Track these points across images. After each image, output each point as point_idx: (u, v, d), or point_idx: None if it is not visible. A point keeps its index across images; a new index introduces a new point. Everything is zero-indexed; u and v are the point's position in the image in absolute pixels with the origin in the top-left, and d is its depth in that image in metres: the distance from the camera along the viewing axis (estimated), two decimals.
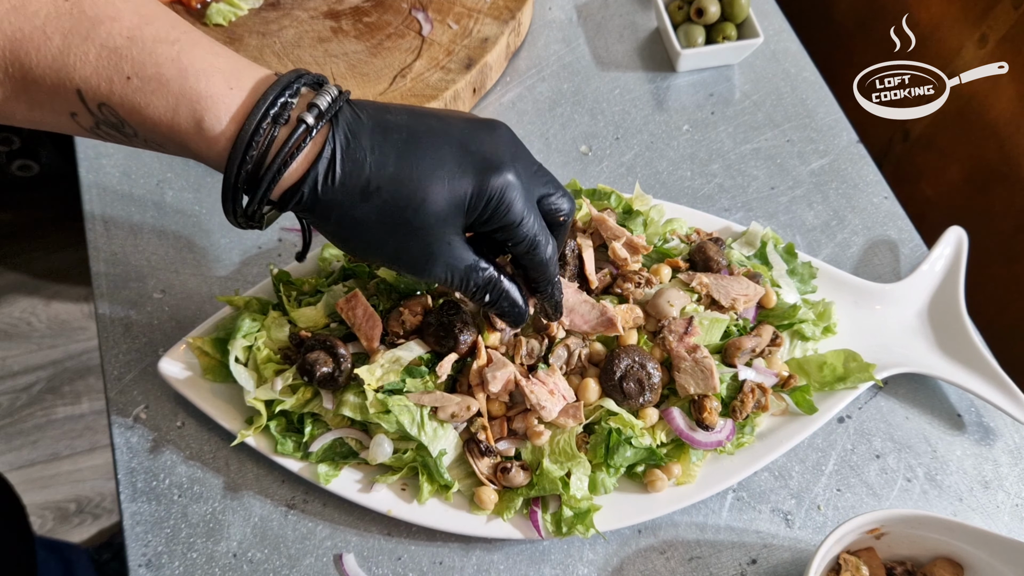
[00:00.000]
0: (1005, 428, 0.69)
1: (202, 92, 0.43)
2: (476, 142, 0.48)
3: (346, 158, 0.45)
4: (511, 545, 0.63)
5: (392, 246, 0.48)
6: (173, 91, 0.43)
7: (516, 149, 0.50)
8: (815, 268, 0.73)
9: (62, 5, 0.41)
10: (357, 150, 0.46)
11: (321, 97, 0.45)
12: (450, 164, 0.47)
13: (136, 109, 0.43)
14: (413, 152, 0.47)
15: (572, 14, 0.94)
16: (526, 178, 0.50)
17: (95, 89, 0.42)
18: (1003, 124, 0.86)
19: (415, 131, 0.47)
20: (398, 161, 0.46)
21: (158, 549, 0.61)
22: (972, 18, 0.87)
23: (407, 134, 0.47)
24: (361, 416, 0.61)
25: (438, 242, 0.49)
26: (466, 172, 0.47)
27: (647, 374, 0.62)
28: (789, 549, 0.63)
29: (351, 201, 0.46)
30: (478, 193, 0.47)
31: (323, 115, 0.45)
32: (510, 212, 0.49)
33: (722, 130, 0.86)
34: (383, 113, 0.48)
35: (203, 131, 0.43)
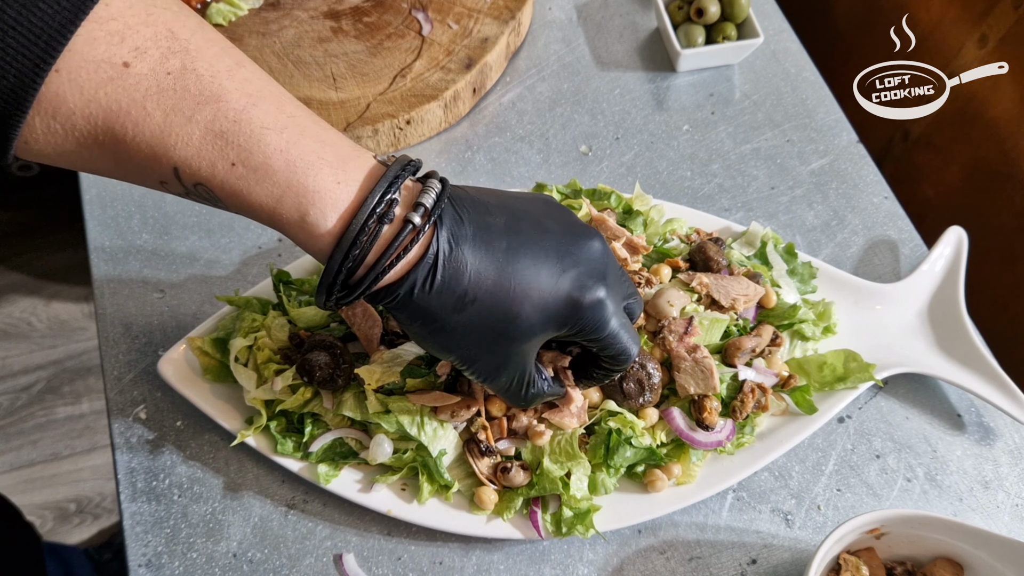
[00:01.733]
0: (1005, 428, 0.69)
1: (309, 187, 0.41)
2: (572, 256, 0.48)
3: (447, 266, 0.44)
4: (511, 545, 0.63)
5: (472, 353, 0.48)
6: (279, 183, 0.41)
7: (608, 261, 0.50)
8: (815, 268, 0.73)
9: (165, 80, 0.38)
10: (459, 258, 0.44)
11: (426, 195, 0.44)
12: (547, 280, 0.47)
13: (236, 194, 0.42)
14: (512, 264, 0.46)
15: (572, 14, 0.94)
16: (616, 290, 0.50)
17: (195, 171, 0.40)
18: (1003, 124, 0.86)
19: (514, 241, 0.47)
20: (497, 274, 0.46)
21: (158, 549, 0.61)
22: (972, 18, 0.87)
23: (507, 244, 0.46)
24: (361, 416, 0.61)
25: (517, 355, 0.49)
26: (562, 289, 0.47)
27: (647, 374, 0.62)
28: (789, 549, 0.63)
29: (445, 309, 0.45)
30: (572, 312, 0.47)
31: (429, 215, 0.44)
32: (601, 328, 0.49)
33: (722, 130, 0.86)
34: (484, 215, 0.46)
35: (307, 225, 0.42)
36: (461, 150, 0.83)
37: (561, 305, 0.47)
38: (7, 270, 1.70)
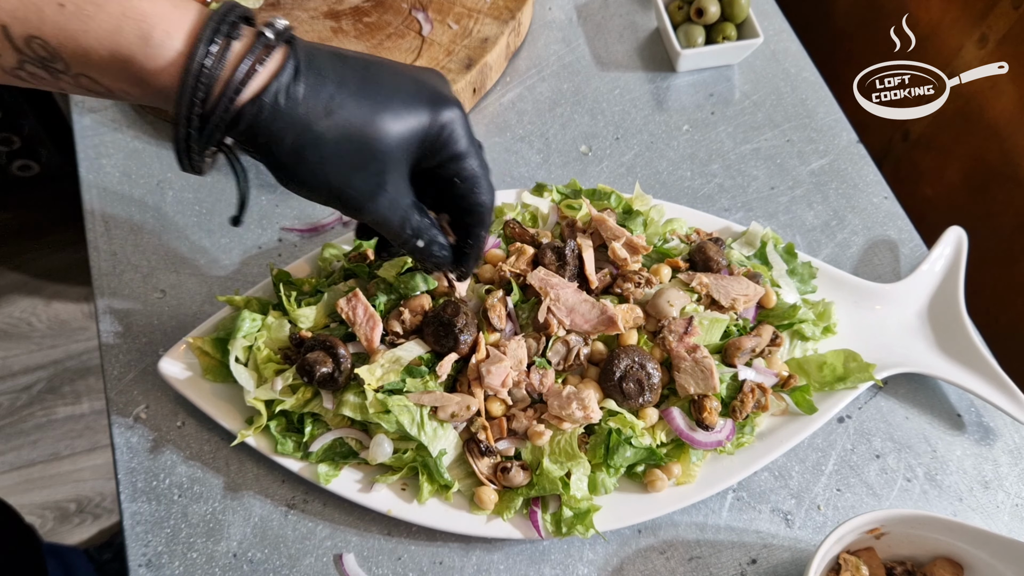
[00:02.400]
0: (1005, 428, 0.69)
1: (147, 11, 0.40)
2: (425, 79, 0.50)
3: (310, 71, 0.44)
4: (511, 545, 0.63)
5: (343, 174, 0.47)
6: (113, 12, 0.40)
7: (455, 95, 0.51)
8: (815, 268, 0.73)
9: None
10: (320, 65, 0.45)
11: (275, 21, 0.44)
12: (406, 93, 0.48)
13: (72, 36, 0.40)
14: (374, 77, 0.47)
15: (572, 14, 0.94)
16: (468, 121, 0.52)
17: (23, 21, 0.39)
18: (1003, 124, 0.86)
19: (370, 60, 0.48)
20: (360, 82, 0.46)
21: (158, 549, 0.61)
22: (972, 18, 0.87)
23: (364, 62, 0.48)
24: (361, 416, 0.61)
25: (390, 173, 0.48)
26: (421, 102, 0.48)
27: (647, 374, 0.62)
28: (789, 549, 0.63)
29: (314, 115, 0.44)
30: (431, 122, 0.48)
31: (281, 34, 0.44)
32: (459, 143, 0.49)
33: (722, 130, 0.86)
34: (334, 47, 0.48)
35: (151, 48, 0.41)
36: None
37: (424, 115, 0.48)
38: (7, 270, 1.70)
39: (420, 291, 0.65)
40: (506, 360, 0.61)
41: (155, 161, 0.81)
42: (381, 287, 0.66)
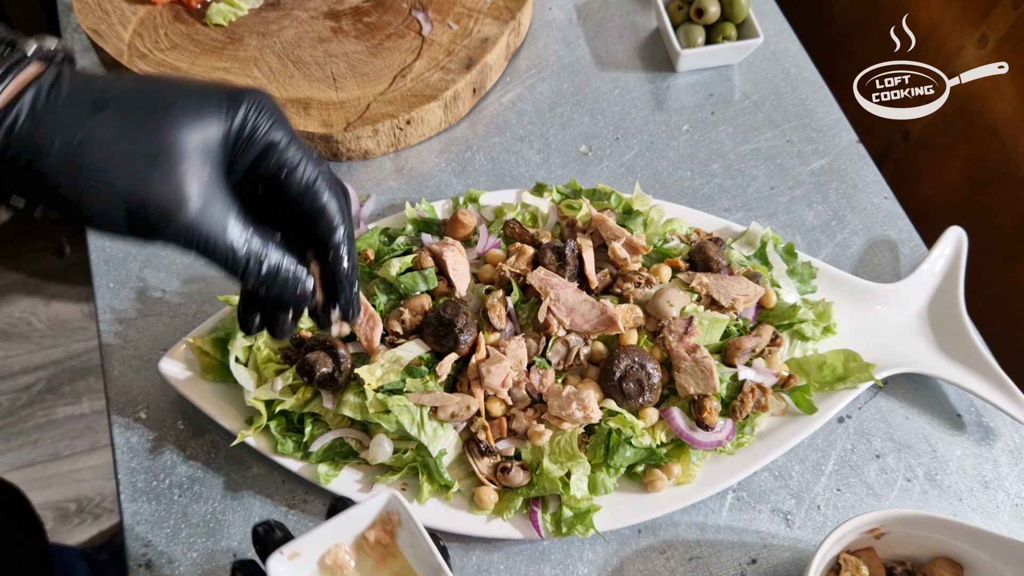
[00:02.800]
0: (1005, 428, 0.69)
1: None
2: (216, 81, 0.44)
3: (73, 77, 0.38)
4: (511, 545, 0.63)
5: (136, 175, 0.38)
6: None
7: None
8: (815, 268, 0.73)
9: None
10: (88, 72, 0.39)
11: (44, 39, 0.39)
12: (193, 85, 0.41)
13: None
14: (153, 79, 0.42)
15: (572, 14, 0.94)
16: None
17: None
18: (1003, 124, 0.86)
19: (152, 78, 0.42)
20: (137, 80, 0.41)
21: (158, 549, 0.61)
22: (972, 18, 0.87)
23: (143, 76, 0.42)
24: (361, 416, 0.61)
25: (196, 170, 0.39)
26: (213, 89, 0.41)
27: (647, 374, 0.62)
28: (789, 549, 0.63)
29: (80, 113, 0.37)
30: (229, 105, 0.41)
31: (45, 51, 0.38)
32: (271, 126, 0.42)
33: (722, 130, 0.86)
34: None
35: None
36: (461, 150, 0.83)
37: (222, 98, 0.41)
38: (7, 270, 1.70)
39: (420, 291, 0.66)
40: (506, 360, 0.61)
41: None
42: (381, 287, 0.66)
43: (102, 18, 0.82)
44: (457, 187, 0.81)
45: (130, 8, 0.84)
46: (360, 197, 0.79)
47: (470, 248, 0.70)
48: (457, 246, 0.68)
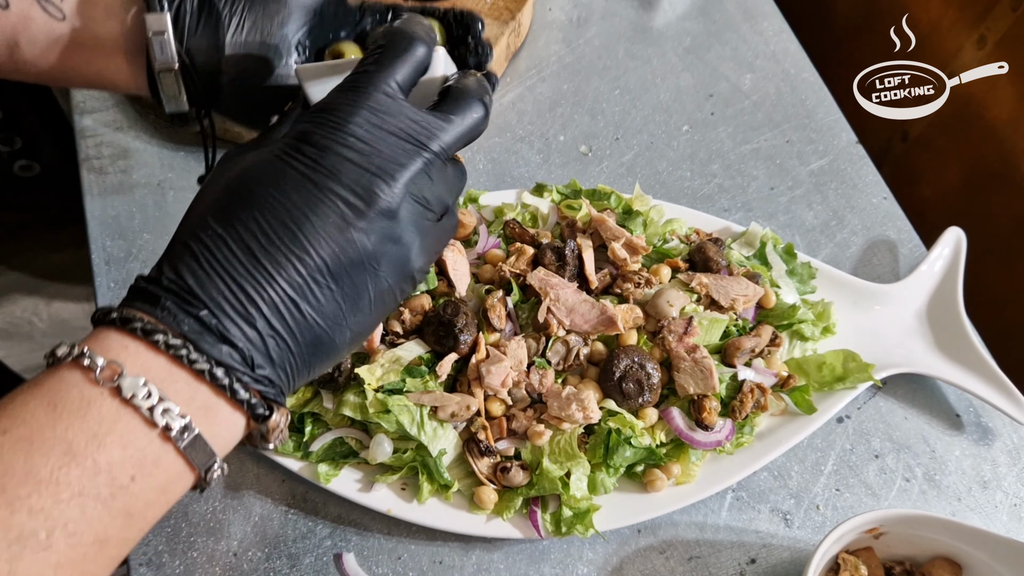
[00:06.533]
0: (1003, 428, 0.70)
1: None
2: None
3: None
4: (511, 544, 0.63)
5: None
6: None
7: None
8: (814, 268, 0.73)
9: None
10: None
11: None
12: None
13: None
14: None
15: (572, 14, 0.94)
16: None
17: None
18: (1002, 125, 0.86)
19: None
20: None
21: (159, 548, 0.61)
22: (970, 19, 0.87)
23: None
24: (361, 416, 0.61)
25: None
26: None
27: (646, 374, 0.62)
28: (788, 549, 0.64)
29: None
30: None
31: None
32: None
33: (722, 130, 0.86)
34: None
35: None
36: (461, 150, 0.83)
37: None
38: (8, 270, 1.70)
39: (420, 291, 0.66)
40: (506, 360, 0.61)
41: (155, 161, 0.81)
42: None
43: None
44: None
45: None
46: None
47: (470, 248, 0.71)
48: (457, 246, 0.68)
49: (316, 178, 0.39)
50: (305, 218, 0.39)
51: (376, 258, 0.40)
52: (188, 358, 0.36)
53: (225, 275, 0.38)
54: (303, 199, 0.39)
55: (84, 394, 0.35)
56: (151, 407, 0.35)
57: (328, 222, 0.39)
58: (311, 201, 0.39)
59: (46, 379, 0.36)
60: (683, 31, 0.94)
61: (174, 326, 0.37)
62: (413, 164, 0.41)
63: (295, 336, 0.39)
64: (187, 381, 0.37)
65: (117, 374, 0.35)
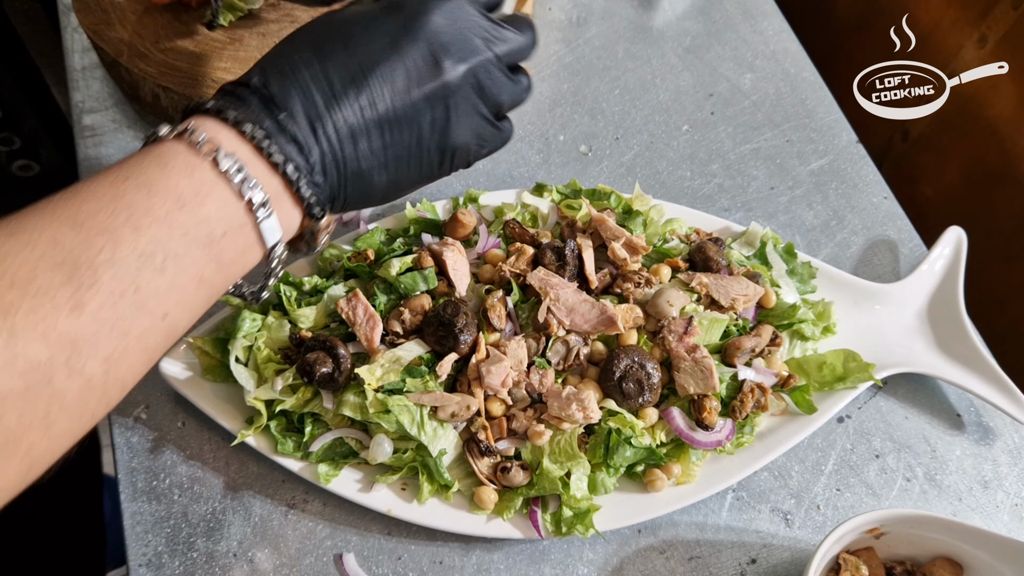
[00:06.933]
0: (1004, 428, 0.70)
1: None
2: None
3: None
4: (511, 544, 0.63)
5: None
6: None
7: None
8: (815, 268, 0.73)
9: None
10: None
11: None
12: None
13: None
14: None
15: (572, 14, 0.94)
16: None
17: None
18: (1003, 124, 0.86)
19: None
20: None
21: (158, 549, 0.61)
22: (972, 18, 0.87)
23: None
24: (361, 416, 0.61)
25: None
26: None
27: (646, 374, 0.62)
28: (789, 549, 0.64)
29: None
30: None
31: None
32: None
33: (722, 130, 0.86)
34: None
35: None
36: None
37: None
38: None
39: (420, 291, 0.66)
40: (506, 360, 0.61)
41: None
42: (381, 287, 0.66)
43: (102, 18, 0.82)
44: (457, 187, 0.81)
45: (130, 8, 0.84)
46: None
47: (470, 248, 0.71)
48: (457, 246, 0.68)
49: (400, 38, 0.47)
50: (381, 65, 0.46)
51: (425, 119, 0.48)
52: (268, 150, 0.43)
53: (305, 92, 0.44)
54: (384, 51, 0.46)
55: (189, 161, 0.41)
56: (241, 181, 0.41)
57: (397, 75, 0.46)
58: (390, 54, 0.46)
59: (153, 149, 0.42)
60: (683, 31, 0.94)
61: (258, 121, 0.43)
62: (479, 55, 0.49)
63: (344, 161, 0.46)
64: (264, 170, 0.43)
65: (215, 150, 0.41)
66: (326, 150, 0.45)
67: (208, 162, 0.41)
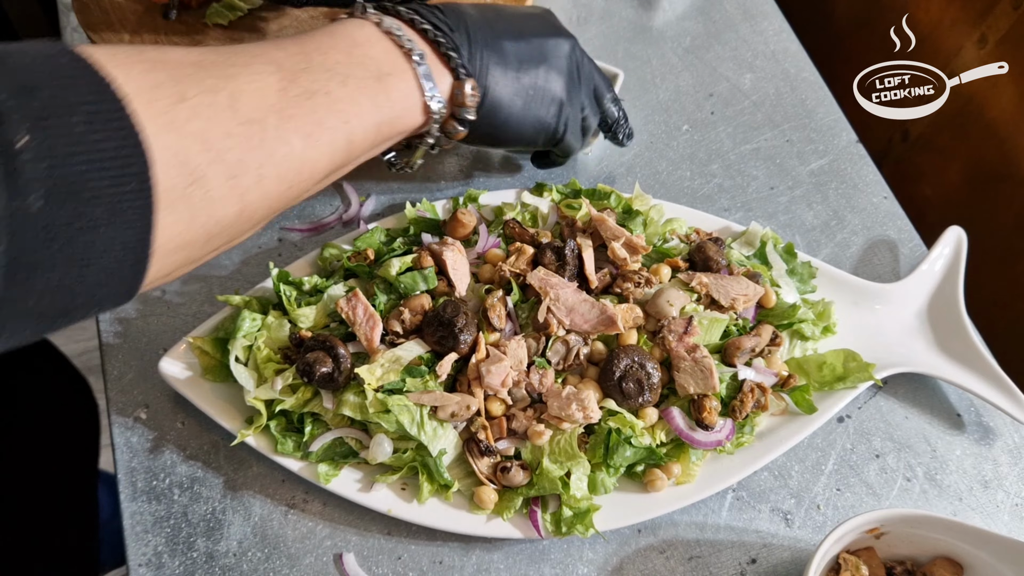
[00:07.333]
0: (1004, 428, 0.70)
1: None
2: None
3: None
4: (511, 544, 0.63)
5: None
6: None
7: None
8: (815, 268, 0.73)
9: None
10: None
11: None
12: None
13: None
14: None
15: (572, 14, 0.94)
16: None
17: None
18: (1002, 124, 0.86)
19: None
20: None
21: (158, 548, 0.61)
22: (971, 18, 0.87)
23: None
24: (361, 416, 0.61)
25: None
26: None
27: (646, 374, 0.62)
28: (789, 548, 0.64)
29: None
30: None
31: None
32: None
33: (721, 130, 0.86)
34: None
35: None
36: (461, 150, 0.84)
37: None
38: None
39: (420, 291, 0.66)
40: (506, 360, 0.61)
41: None
42: (381, 287, 0.66)
43: (102, 18, 0.82)
44: (457, 187, 0.81)
45: (130, 8, 0.84)
46: (360, 197, 0.79)
47: (470, 248, 0.71)
48: (457, 246, 0.68)
49: (548, 27, 0.66)
50: (523, 21, 0.65)
51: (542, 72, 0.64)
52: (424, 28, 0.57)
53: (466, 15, 0.61)
54: (526, 18, 0.65)
55: (358, 22, 0.56)
56: (400, 36, 0.55)
57: (533, 28, 0.65)
58: (529, 20, 0.65)
59: (349, 21, 0.56)
60: (682, 31, 0.94)
61: (418, 16, 0.58)
62: (594, 79, 0.70)
63: (483, 74, 0.61)
64: (420, 40, 0.57)
65: (379, 20, 0.56)
66: (472, 52, 0.59)
67: (371, 23, 0.55)
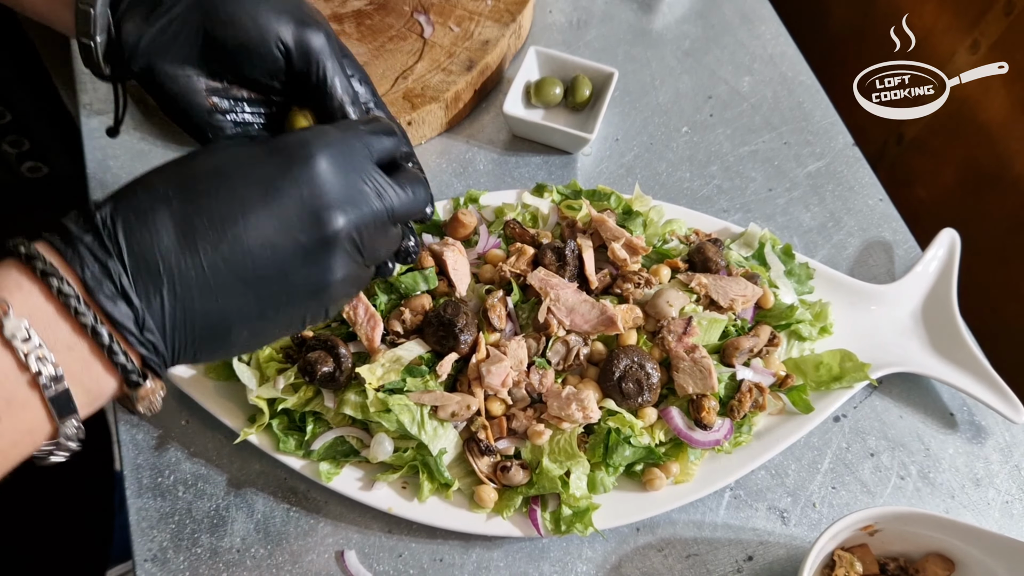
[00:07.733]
0: (996, 427, 0.70)
1: None
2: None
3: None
4: (511, 543, 0.63)
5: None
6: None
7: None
8: (812, 269, 0.73)
9: None
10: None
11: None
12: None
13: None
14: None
15: (572, 17, 0.95)
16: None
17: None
18: (996, 127, 0.87)
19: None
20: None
21: (163, 544, 0.62)
22: (964, 24, 0.87)
23: None
24: (362, 415, 0.61)
25: None
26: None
27: (646, 374, 0.62)
28: (785, 546, 0.64)
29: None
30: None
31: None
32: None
33: (720, 132, 0.87)
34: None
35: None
36: (462, 151, 0.84)
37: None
38: None
39: (421, 291, 0.66)
40: (506, 360, 0.62)
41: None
42: (382, 287, 0.66)
43: None
44: (458, 187, 0.81)
45: None
46: None
47: (470, 248, 0.71)
48: (457, 246, 0.68)
49: (280, 183, 0.40)
50: (253, 213, 0.40)
51: (299, 275, 0.41)
52: (76, 309, 0.36)
53: (155, 235, 0.38)
54: (260, 196, 0.40)
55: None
56: (27, 352, 0.35)
57: (271, 225, 0.40)
58: (266, 200, 0.40)
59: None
60: (682, 34, 0.95)
61: (78, 269, 0.37)
62: (365, 210, 0.43)
63: (194, 318, 0.39)
64: (69, 332, 0.37)
65: (4, 312, 0.35)
66: (169, 303, 0.38)
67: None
